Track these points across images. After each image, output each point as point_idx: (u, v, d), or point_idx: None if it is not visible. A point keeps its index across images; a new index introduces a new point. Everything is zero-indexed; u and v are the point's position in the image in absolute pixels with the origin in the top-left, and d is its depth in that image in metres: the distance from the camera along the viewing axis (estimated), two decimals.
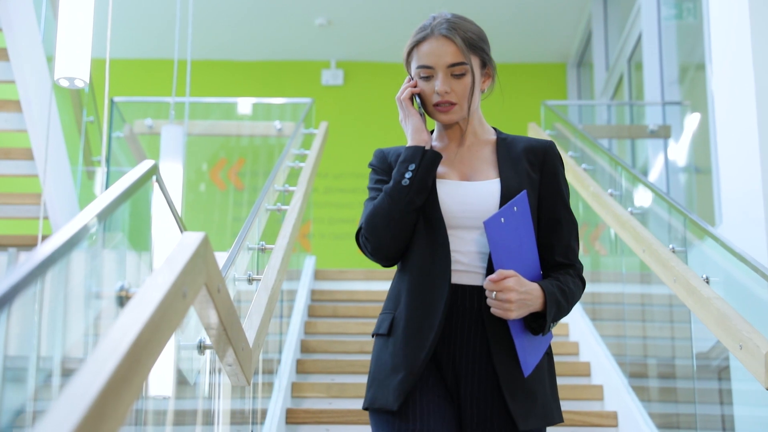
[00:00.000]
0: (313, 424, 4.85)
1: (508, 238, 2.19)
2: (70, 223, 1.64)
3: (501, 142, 2.40)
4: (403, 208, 2.24)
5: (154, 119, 7.28)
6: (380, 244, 2.28)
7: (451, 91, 2.31)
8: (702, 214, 6.80)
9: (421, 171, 2.26)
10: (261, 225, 4.30)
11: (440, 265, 2.23)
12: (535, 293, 2.20)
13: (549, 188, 2.35)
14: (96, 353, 1.46)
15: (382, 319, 2.34)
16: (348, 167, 11.04)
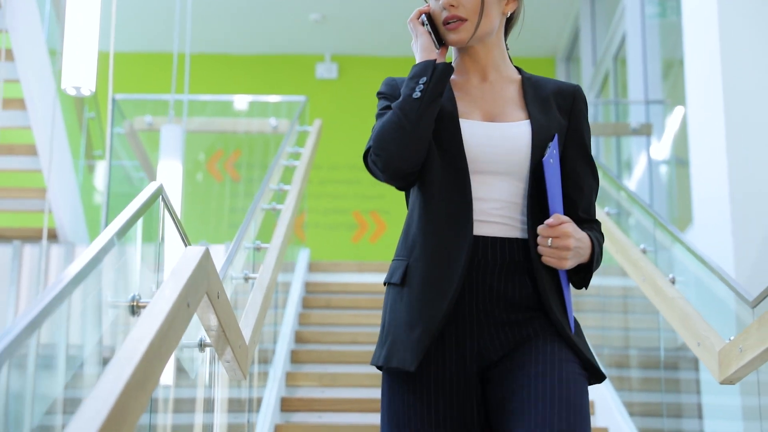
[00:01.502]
0: (306, 412, 5.13)
1: (554, 181, 2.04)
2: (91, 246, 1.89)
3: (527, 81, 2.20)
4: (414, 121, 2.05)
5: (153, 116, 7.52)
6: (392, 158, 2.06)
7: (459, 5, 2.11)
8: (682, 210, 7.07)
9: (433, 82, 2.07)
10: (257, 223, 4.56)
11: (461, 213, 2.04)
12: (586, 242, 2.05)
13: (575, 138, 2.16)
14: (116, 360, 1.71)
15: (395, 267, 2.13)
16: (342, 159, 11.28)
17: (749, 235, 4.86)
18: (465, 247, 2.02)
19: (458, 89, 2.18)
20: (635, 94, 8.09)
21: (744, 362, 2.98)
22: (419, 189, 2.12)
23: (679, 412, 4.91)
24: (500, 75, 2.19)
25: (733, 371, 3.07)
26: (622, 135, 7.88)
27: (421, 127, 2.06)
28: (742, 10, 5.27)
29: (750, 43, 5.21)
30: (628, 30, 8.57)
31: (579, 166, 2.14)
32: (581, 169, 2.15)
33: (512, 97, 2.16)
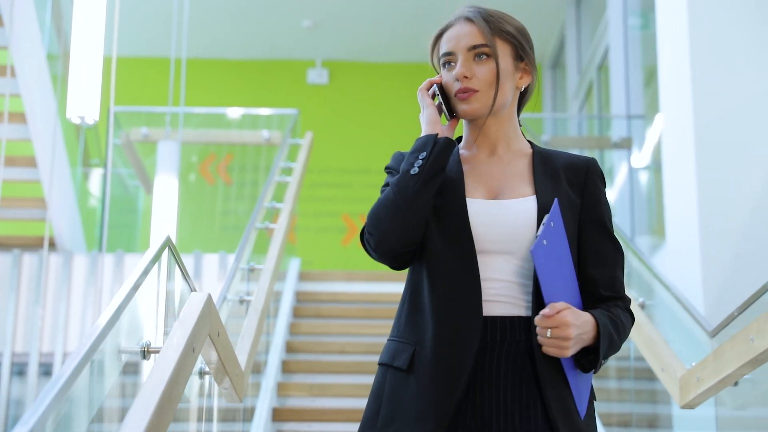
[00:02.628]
0: (296, 422, 5.38)
1: (552, 260, 1.97)
2: (112, 303, 2.13)
3: (537, 156, 2.13)
4: (411, 198, 2.00)
5: (149, 127, 7.75)
6: (385, 236, 2.01)
7: (472, 76, 2.05)
8: (660, 221, 7.32)
9: (432, 158, 2.02)
10: (250, 243, 4.80)
11: (470, 294, 1.98)
12: (588, 326, 1.95)
13: (591, 214, 2.08)
14: (134, 409, 1.96)
15: (396, 349, 2.05)
16: (332, 163, 11.51)
17: (717, 257, 5.12)
18: (477, 330, 1.96)
19: (465, 163, 2.12)
20: (617, 107, 8.34)
21: (701, 390, 3.25)
22: (425, 268, 2.05)
23: (651, 422, 5.16)
24: (510, 150, 2.12)
25: (691, 398, 3.34)
26: (604, 148, 8.15)
27: (417, 205, 2.01)
28: (711, 25, 5.52)
29: (720, 59, 5.46)
30: (611, 42, 8.82)
31: (599, 243, 2.06)
32: (602, 246, 2.06)
33: (520, 172, 2.09)
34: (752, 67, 5.42)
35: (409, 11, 10.64)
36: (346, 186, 11.55)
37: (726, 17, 5.51)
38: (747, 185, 5.29)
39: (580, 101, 10.26)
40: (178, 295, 2.82)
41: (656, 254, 6.67)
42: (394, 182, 2.05)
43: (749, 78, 5.43)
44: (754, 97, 5.39)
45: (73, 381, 1.81)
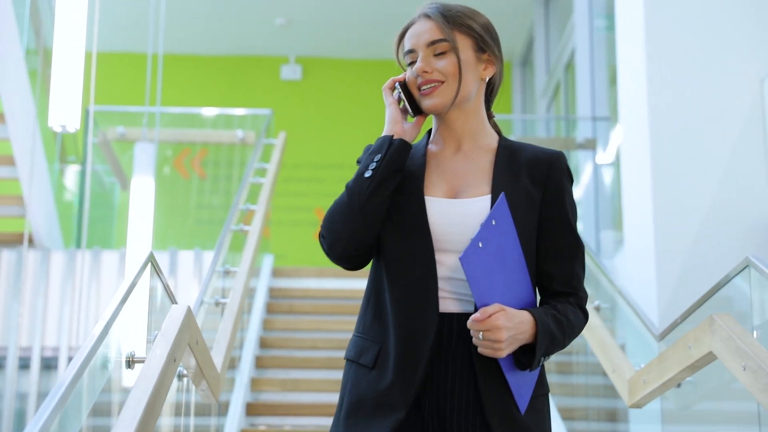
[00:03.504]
0: (270, 416, 5.59)
1: (489, 261, 1.97)
2: (100, 320, 2.33)
3: (502, 150, 2.13)
4: (364, 200, 2.02)
5: (126, 126, 7.91)
6: (338, 239, 2.05)
7: (433, 70, 2.07)
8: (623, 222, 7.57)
9: (386, 161, 2.04)
10: (225, 246, 4.99)
11: (428, 290, 2.02)
12: (525, 326, 1.97)
13: (552, 209, 2.08)
14: (122, 417, 2.16)
15: (362, 346, 2.10)
16: (305, 158, 11.70)
17: (672, 257, 5.37)
18: (432, 325, 2.01)
19: (432, 159, 2.14)
20: (583, 108, 8.58)
21: (647, 392, 3.49)
22: (384, 267, 2.09)
23: (611, 415, 5.41)
24: (476, 144, 2.13)
25: (638, 398, 3.58)
26: (570, 149, 8.39)
27: (370, 207, 2.03)
28: (667, 27, 5.76)
29: (676, 62, 5.70)
30: (578, 42, 9.05)
31: (557, 238, 2.07)
32: (560, 241, 2.07)
33: (483, 168, 2.10)
34: (708, 69, 5.67)
35: (382, 8, 10.84)
36: (318, 181, 11.75)
37: (682, 19, 5.75)
38: (702, 187, 5.54)
39: (548, 100, 10.50)
40: (158, 304, 3.02)
41: (618, 250, 6.91)
42: (348, 184, 2.08)
43: (705, 80, 5.67)
44: (710, 100, 5.63)
45: (71, 390, 2.01)
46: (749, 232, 5.45)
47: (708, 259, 5.36)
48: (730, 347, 2.71)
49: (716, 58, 5.67)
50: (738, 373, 2.65)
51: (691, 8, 5.80)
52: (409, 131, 2.12)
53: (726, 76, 5.63)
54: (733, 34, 5.67)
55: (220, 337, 3.95)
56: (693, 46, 5.73)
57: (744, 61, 5.62)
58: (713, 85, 5.66)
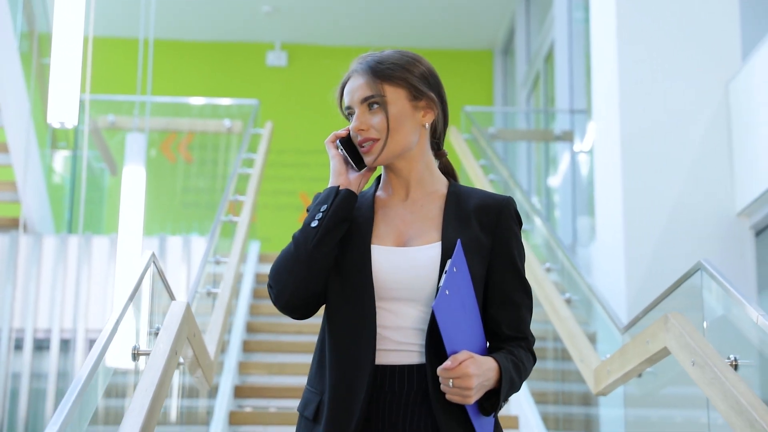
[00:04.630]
0: (257, 398, 5.85)
1: (454, 308, 1.97)
2: (110, 318, 2.58)
3: (451, 197, 2.13)
4: (310, 251, 2.02)
5: (116, 114, 8.13)
6: (283, 289, 2.05)
7: (369, 128, 2.08)
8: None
9: (331, 211, 2.04)
10: (216, 237, 5.24)
11: (365, 343, 2.01)
12: (491, 372, 1.97)
13: (501, 256, 2.08)
14: (132, 407, 2.41)
15: (308, 399, 2.09)
16: (289, 144, 11.92)
17: (640, 252, 5.65)
18: (365, 379, 1.99)
19: (381, 208, 2.14)
20: (561, 100, 8.84)
21: (610, 381, 3.77)
22: (327, 317, 2.09)
23: (579, 400, 5.69)
24: (424, 191, 2.14)
25: (603, 387, 3.86)
26: (548, 140, 8.66)
27: (315, 257, 2.03)
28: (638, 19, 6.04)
29: (646, 54, 5.98)
30: (557, 34, 9.30)
31: (507, 285, 2.08)
32: (510, 287, 2.08)
33: (431, 215, 2.11)
34: (677, 70, 5.94)
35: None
36: (303, 166, 11.98)
37: (654, 20, 6.02)
38: (669, 183, 5.82)
39: (528, 89, 10.75)
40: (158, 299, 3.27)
41: (593, 239, 7.18)
42: (295, 235, 2.07)
43: (674, 80, 5.95)
44: (679, 99, 5.91)
45: (88, 382, 2.26)
46: (714, 226, 5.74)
47: (674, 253, 5.64)
48: (681, 343, 2.98)
49: (685, 60, 5.93)
50: (688, 367, 2.92)
51: (663, 11, 6.07)
52: (356, 181, 2.12)
53: (694, 78, 5.90)
54: (703, 38, 5.94)
55: (213, 327, 4.20)
56: (664, 46, 5.99)
57: (711, 64, 5.90)
58: (682, 85, 5.93)
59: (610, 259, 5.91)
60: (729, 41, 5.95)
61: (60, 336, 7.56)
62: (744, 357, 2.92)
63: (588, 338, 4.33)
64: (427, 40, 11.88)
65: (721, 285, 3.08)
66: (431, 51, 12.03)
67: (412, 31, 11.75)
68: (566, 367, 5.42)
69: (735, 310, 3.06)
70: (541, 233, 5.68)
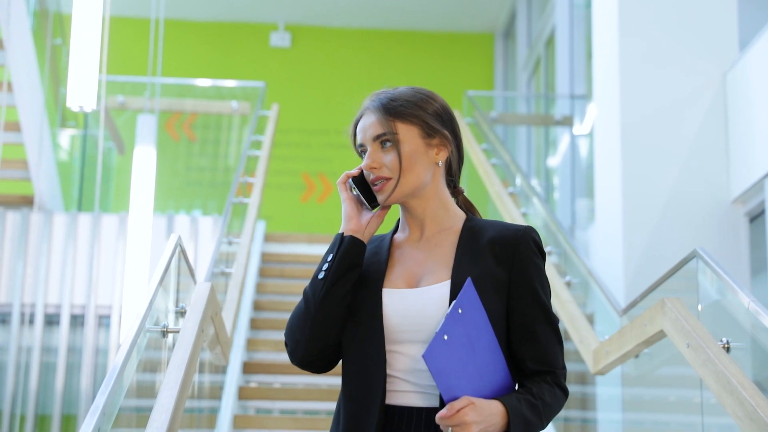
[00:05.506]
0: (265, 374, 6.05)
1: (457, 352, 1.91)
2: (144, 299, 2.76)
3: (466, 232, 2.08)
4: (318, 304, 2.01)
5: (124, 95, 8.29)
6: (296, 346, 2.05)
7: (381, 166, 2.05)
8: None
9: (336, 261, 2.02)
10: (227, 220, 5.41)
11: (374, 385, 1.99)
12: (496, 417, 1.91)
13: (521, 290, 2.01)
14: (167, 380, 2.59)
15: None
16: (292, 124, 12.07)
17: (637, 236, 5.84)
18: (374, 421, 1.98)
19: (396, 249, 2.13)
20: (561, 85, 9.00)
21: (609, 361, 3.96)
22: (342, 365, 2.08)
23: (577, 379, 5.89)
24: (439, 228, 2.10)
25: (601, 366, 4.05)
26: (549, 125, 8.83)
27: (325, 310, 2.02)
28: (640, 15, 6.21)
29: (647, 37, 6.15)
30: (558, 19, 9.45)
31: (528, 318, 2.01)
32: (531, 320, 2.01)
33: (444, 252, 2.07)
34: (677, 58, 6.11)
35: None
36: (306, 146, 12.14)
37: (655, 8, 6.19)
38: (667, 168, 6.00)
39: (528, 73, 10.90)
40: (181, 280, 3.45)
41: (592, 221, 7.36)
42: (305, 290, 2.07)
43: (674, 68, 6.12)
44: (678, 86, 6.08)
45: (128, 358, 2.45)
46: (710, 212, 5.93)
47: (671, 237, 5.83)
48: (677, 327, 3.17)
49: (684, 49, 6.11)
50: (683, 349, 3.11)
51: (664, 0, 6.24)
52: (370, 223, 2.08)
53: (693, 67, 6.07)
54: (701, 28, 6.11)
55: (228, 305, 4.38)
56: (664, 35, 6.17)
57: (709, 54, 6.07)
58: (681, 74, 6.11)
59: (609, 242, 6.10)
60: (727, 32, 6.12)
61: (70, 311, 7.74)
62: (736, 340, 3.11)
63: (587, 320, 4.51)
64: (429, 23, 12.03)
65: (715, 272, 3.26)
66: (432, 33, 12.19)
67: (414, 14, 11.89)
68: (566, 347, 5.61)
69: (728, 295, 3.24)
70: (540, 216, 5.86)
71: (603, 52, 6.62)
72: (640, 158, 6.03)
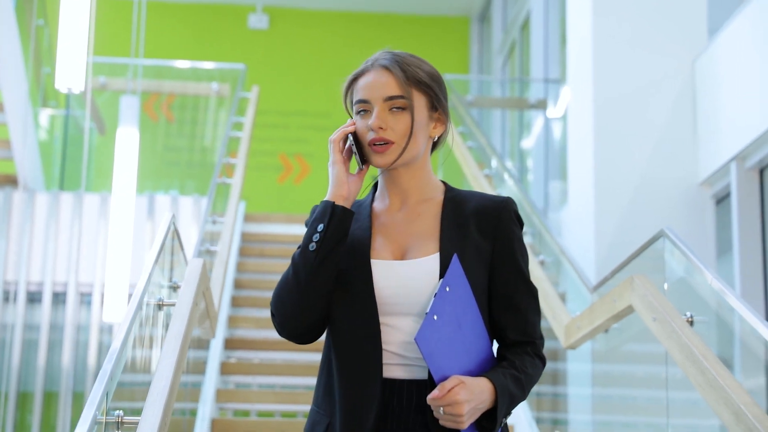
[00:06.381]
0: (246, 350, 6.21)
1: (446, 331, 1.94)
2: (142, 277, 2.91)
3: (448, 203, 2.09)
4: (310, 276, 1.98)
5: (106, 76, 8.40)
6: (288, 318, 2.02)
7: (388, 128, 2.01)
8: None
9: (329, 233, 1.98)
10: (212, 198, 5.56)
11: (371, 359, 1.99)
12: (485, 395, 1.94)
13: (503, 260, 2.04)
14: (166, 348, 2.75)
15: (315, 419, 2.07)
16: (270, 105, 12.18)
17: (609, 216, 6.04)
18: (375, 395, 1.98)
19: (376, 218, 2.10)
20: (536, 69, 9.19)
21: (580, 336, 4.15)
22: (331, 336, 2.06)
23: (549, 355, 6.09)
24: (422, 198, 2.09)
25: (573, 341, 4.24)
26: (523, 109, 9.02)
27: (317, 282, 1.99)
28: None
29: (621, 22, 6.34)
30: (533, 4, 9.62)
31: (510, 288, 2.04)
32: (513, 291, 2.04)
33: (429, 224, 2.06)
34: (648, 44, 6.31)
35: None
36: (282, 127, 12.27)
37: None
38: (638, 151, 6.21)
39: (503, 57, 11.08)
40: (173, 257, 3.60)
41: (565, 203, 7.56)
42: (294, 257, 2.02)
43: (645, 53, 6.32)
44: (649, 71, 6.28)
45: (131, 328, 2.60)
46: (678, 194, 6.14)
47: (641, 218, 6.04)
48: (644, 302, 3.36)
49: (655, 36, 6.31)
50: (649, 323, 3.30)
51: None
52: (354, 185, 2.05)
53: (663, 53, 6.28)
54: (672, 15, 6.31)
55: (214, 282, 4.53)
56: (636, 21, 6.37)
57: (679, 40, 6.28)
58: (652, 60, 6.31)
59: (581, 222, 6.30)
60: (696, 20, 6.32)
61: (52, 289, 7.87)
62: (699, 314, 3.31)
63: (559, 297, 4.70)
64: (405, 6, 12.17)
65: (681, 251, 3.46)
66: (408, 17, 12.33)
67: None
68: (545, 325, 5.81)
69: (693, 273, 3.44)
70: (515, 197, 6.04)
71: (577, 36, 6.81)
72: (611, 141, 6.23)
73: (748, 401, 2.58)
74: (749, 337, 3.66)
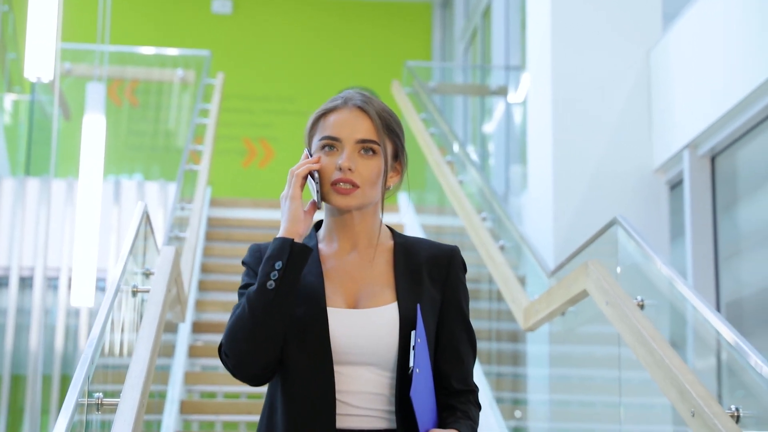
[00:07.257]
0: (213, 333, 6.34)
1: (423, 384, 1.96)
2: (117, 265, 3.03)
3: (399, 249, 2.08)
4: (270, 314, 1.91)
5: (72, 63, 8.45)
6: (243, 358, 1.94)
7: (356, 171, 1.98)
8: None
9: (288, 270, 1.92)
10: (180, 185, 5.67)
11: (324, 409, 1.94)
12: None
13: (451, 310, 2.05)
14: (142, 333, 2.88)
15: None
16: (234, 89, 12.23)
17: (566, 203, 6.22)
18: None
19: (325, 263, 2.06)
20: (497, 56, 9.35)
21: (538, 318, 4.32)
22: (280, 383, 1.99)
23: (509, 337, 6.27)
24: (371, 243, 2.06)
25: (531, 323, 4.42)
26: (484, 95, 9.18)
27: (273, 321, 1.92)
28: None
29: (578, 19, 6.52)
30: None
31: (456, 339, 2.04)
32: (458, 341, 2.04)
33: (381, 273, 2.04)
34: (605, 33, 6.49)
35: None
36: (246, 111, 12.36)
37: None
38: (596, 137, 6.39)
39: (465, 43, 11.23)
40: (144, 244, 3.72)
41: (524, 188, 7.73)
42: (251, 296, 1.94)
43: (602, 42, 6.50)
44: (606, 61, 6.46)
45: (110, 314, 2.73)
46: (633, 181, 6.33)
47: (597, 204, 6.23)
48: (598, 286, 3.53)
49: (612, 27, 6.49)
50: (603, 306, 3.47)
51: None
52: (308, 223, 2.01)
53: (620, 43, 6.46)
54: (628, 7, 6.49)
55: (184, 267, 4.65)
56: (594, 11, 6.55)
57: (635, 31, 6.47)
58: (609, 49, 6.49)
59: (540, 208, 6.48)
60: (651, 12, 6.50)
61: (19, 273, 7.94)
62: (650, 298, 3.49)
63: (518, 281, 4.87)
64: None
65: (633, 238, 3.63)
66: (372, 3, 12.44)
67: None
68: (499, 307, 5.98)
69: (643, 259, 3.61)
70: (476, 183, 6.20)
71: (536, 24, 6.97)
72: (569, 128, 6.41)
73: (692, 380, 2.75)
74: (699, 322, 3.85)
